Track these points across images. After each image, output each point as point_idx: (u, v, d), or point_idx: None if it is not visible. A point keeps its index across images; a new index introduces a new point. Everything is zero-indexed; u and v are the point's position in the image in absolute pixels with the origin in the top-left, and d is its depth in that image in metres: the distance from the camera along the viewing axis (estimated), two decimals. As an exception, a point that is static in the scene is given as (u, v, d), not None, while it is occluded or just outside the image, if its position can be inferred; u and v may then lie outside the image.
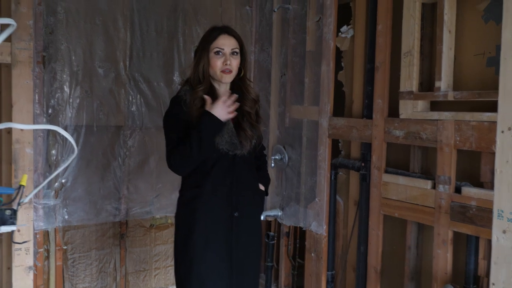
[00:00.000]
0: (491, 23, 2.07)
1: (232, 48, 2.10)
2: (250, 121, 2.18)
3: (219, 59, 2.08)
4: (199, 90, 2.07)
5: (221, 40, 2.10)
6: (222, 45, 2.09)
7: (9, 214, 1.04)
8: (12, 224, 1.04)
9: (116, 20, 2.90)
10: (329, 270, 2.83)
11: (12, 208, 1.06)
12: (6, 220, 1.03)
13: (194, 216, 2.09)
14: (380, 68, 2.43)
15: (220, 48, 2.08)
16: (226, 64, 2.07)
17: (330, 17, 2.69)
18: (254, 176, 2.25)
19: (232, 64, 2.09)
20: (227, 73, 2.09)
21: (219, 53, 2.08)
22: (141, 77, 3.00)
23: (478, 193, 2.00)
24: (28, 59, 2.35)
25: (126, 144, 2.99)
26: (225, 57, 2.08)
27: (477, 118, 2.00)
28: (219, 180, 2.10)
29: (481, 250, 2.09)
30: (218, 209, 2.10)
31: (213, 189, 2.09)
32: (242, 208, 2.14)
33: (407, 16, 2.29)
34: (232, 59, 2.09)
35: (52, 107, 2.74)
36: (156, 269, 3.22)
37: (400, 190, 2.34)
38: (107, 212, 2.94)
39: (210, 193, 2.09)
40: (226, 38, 2.11)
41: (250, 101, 2.19)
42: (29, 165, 2.37)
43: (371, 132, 2.48)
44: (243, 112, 2.16)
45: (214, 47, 2.09)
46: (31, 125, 1.35)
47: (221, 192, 2.10)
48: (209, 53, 2.09)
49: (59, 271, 2.86)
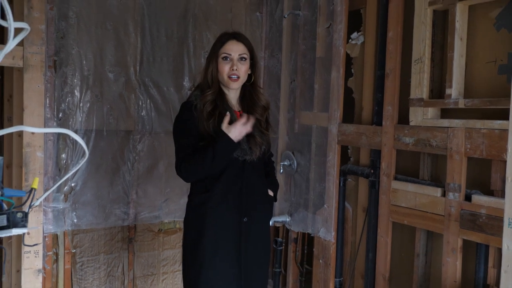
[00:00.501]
0: (503, 31, 2.06)
1: (240, 54, 2.11)
2: (259, 128, 2.18)
3: (227, 64, 2.09)
4: (208, 94, 2.08)
5: (229, 46, 2.11)
6: (229, 50, 2.10)
7: (21, 217, 1.05)
8: (24, 226, 1.05)
9: (127, 25, 2.92)
10: (337, 276, 2.82)
11: (23, 211, 1.06)
12: (18, 222, 1.04)
13: (203, 221, 2.09)
14: (390, 75, 2.43)
15: (227, 54, 2.10)
16: (232, 70, 2.08)
17: (341, 23, 2.70)
18: (263, 182, 2.25)
19: (240, 70, 2.10)
20: (234, 80, 2.10)
21: (226, 58, 2.10)
22: (151, 82, 3.01)
23: (488, 201, 1.99)
24: (40, 63, 2.37)
25: (136, 149, 3.01)
26: (232, 63, 2.09)
27: (488, 125, 1.99)
28: (229, 185, 2.10)
29: (491, 259, 2.07)
30: (227, 214, 2.11)
31: (222, 195, 2.10)
32: (251, 213, 2.14)
33: (418, 23, 2.29)
34: (240, 65, 2.10)
35: (63, 111, 2.76)
36: (164, 274, 3.22)
37: (410, 197, 2.33)
38: (116, 216, 2.95)
39: (219, 199, 2.09)
40: (234, 44, 2.12)
41: (260, 108, 2.20)
42: (40, 169, 2.39)
43: (381, 139, 2.47)
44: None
45: (222, 52, 2.10)
46: (42, 128, 1.36)
47: (231, 197, 2.11)
48: (218, 58, 2.11)
49: (68, 275, 2.87)
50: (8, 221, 1.04)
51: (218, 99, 2.09)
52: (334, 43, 2.75)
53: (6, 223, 1.04)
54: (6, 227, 1.04)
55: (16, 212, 1.05)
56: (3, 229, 1.04)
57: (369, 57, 2.66)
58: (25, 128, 0.99)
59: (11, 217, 1.04)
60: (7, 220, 1.04)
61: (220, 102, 2.10)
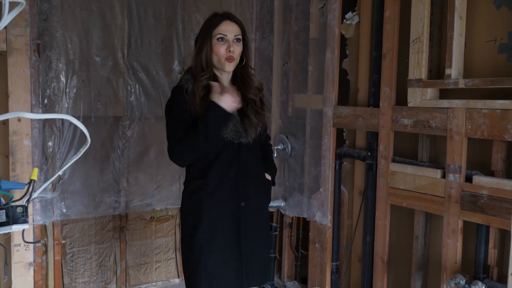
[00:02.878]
0: (503, 9, 2.03)
1: (235, 35, 2.04)
2: (255, 108, 2.12)
3: (223, 45, 2.02)
4: (203, 79, 2.00)
5: (224, 26, 2.03)
6: (225, 31, 2.02)
7: (21, 212, 0.97)
8: (24, 222, 0.97)
9: (113, 7, 2.81)
10: (334, 260, 2.80)
11: (23, 205, 0.99)
12: (18, 218, 0.96)
13: (200, 208, 2.03)
14: (387, 55, 2.38)
15: (223, 34, 2.02)
16: (229, 51, 2.01)
17: (335, 3, 2.63)
18: (260, 165, 2.20)
19: (235, 51, 2.03)
20: (230, 61, 2.02)
21: (222, 39, 2.02)
22: (139, 66, 2.92)
23: (490, 182, 1.97)
24: (25, 46, 2.25)
25: (125, 135, 2.92)
26: (228, 44, 2.01)
27: (489, 106, 1.96)
28: (224, 169, 2.04)
29: (491, 240, 2.06)
30: (224, 199, 2.05)
31: (218, 180, 2.04)
32: (249, 198, 2.08)
33: (417, 2, 2.24)
34: (235, 46, 2.03)
35: (48, 97, 2.66)
36: (157, 262, 3.16)
37: (408, 179, 2.30)
38: (107, 205, 2.87)
39: (215, 184, 2.03)
40: (229, 25, 2.04)
41: (254, 89, 2.13)
42: (28, 158, 2.29)
43: (378, 121, 2.43)
44: (247, 99, 2.10)
45: (217, 33, 2.02)
46: (41, 114, 1.27)
47: (227, 182, 2.05)
48: (212, 39, 2.02)
49: (58, 266, 2.79)
50: (8, 217, 0.96)
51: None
52: (328, 24, 2.69)
53: (6, 219, 0.96)
54: (6, 223, 0.96)
55: (16, 206, 0.97)
56: (2, 226, 0.96)
57: (364, 38, 2.60)
58: (23, 115, 0.91)
59: (11, 212, 0.96)
60: (6, 215, 0.96)
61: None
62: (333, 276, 2.80)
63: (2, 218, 0.96)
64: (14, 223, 0.97)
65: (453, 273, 2.12)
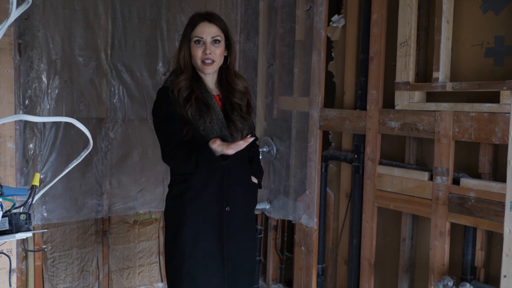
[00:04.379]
0: (490, 13, 2.06)
1: (213, 36, 2.00)
2: (240, 113, 2.08)
3: (199, 48, 1.98)
4: (181, 80, 1.98)
5: (200, 28, 1.99)
6: (201, 33, 1.98)
7: (24, 219, 0.92)
8: (28, 230, 0.92)
9: (96, 6, 2.75)
10: (320, 263, 2.80)
11: (26, 212, 0.94)
12: (21, 226, 0.91)
13: (184, 212, 2.00)
14: (375, 58, 2.39)
15: (199, 37, 1.98)
16: (205, 54, 1.97)
17: (322, 6, 2.63)
18: (246, 169, 2.17)
19: (214, 54, 1.99)
20: (208, 64, 1.99)
21: (199, 42, 1.98)
22: (123, 66, 2.86)
23: (477, 184, 2.00)
24: (9, 46, 2.18)
25: (108, 137, 2.86)
26: (205, 46, 1.98)
27: (477, 109, 1.98)
28: (209, 174, 2.00)
29: (479, 241, 2.09)
30: (209, 204, 2.01)
31: (202, 184, 2.00)
32: (234, 202, 2.05)
33: (404, 5, 2.26)
34: (214, 48, 1.99)
35: (29, 98, 2.58)
36: (140, 266, 3.11)
37: (396, 182, 2.31)
38: (89, 208, 2.81)
39: (199, 188, 2.00)
40: (206, 26, 2.00)
41: (239, 93, 2.10)
42: (11, 161, 2.21)
43: (365, 123, 2.44)
44: (232, 103, 2.07)
45: (194, 35, 1.99)
46: (43, 117, 1.21)
47: (211, 187, 2.01)
48: (190, 42, 2.00)
49: (38, 272, 2.71)
50: (11, 225, 0.91)
51: (194, 83, 1.99)
52: (314, 26, 2.69)
53: (9, 227, 0.91)
54: (9, 232, 0.91)
55: (19, 213, 0.92)
56: (5, 234, 0.90)
57: (350, 41, 2.61)
58: (25, 117, 0.87)
59: (14, 220, 0.91)
60: (9, 223, 0.91)
61: (196, 86, 1.99)
62: (319, 279, 2.80)
63: (4, 226, 0.91)
64: (17, 231, 0.92)
65: (441, 275, 2.14)
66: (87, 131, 0.98)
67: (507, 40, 1.99)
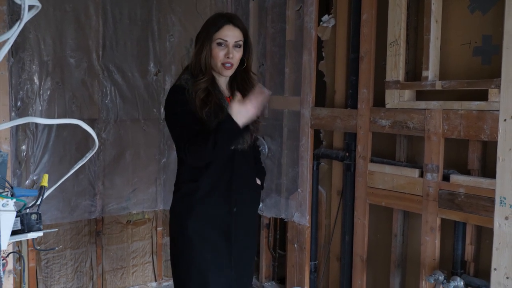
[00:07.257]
0: (477, 13, 2.10)
1: (236, 41, 1.99)
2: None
3: (222, 50, 1.97)
4: (201, 82, 1.95)
5: (225, 31, 1.97)
6: (225, 36, 1.97)
7: (35, 219, 0.95)
8: (39, 229, 0.95)
9: (87, 7, 2.75)
10: (312, 260, 2.83)
11: (37, 212, 0.96)
12: (33, 225, 0.94)
13: (192, 212, 2.01)
14: (365, 57, 2.43)
15: (223, 40, 1.97)
16: (228, 57, 1.97)
17: (312, 5, 2.66)
18: (252, 170, 2.18)
19: (234, 58, 1.99)
20: (228, 68, 1.98)
21: (222, 44, 1.97)
22: (114, 67, 2.87)
23: (466, 180, 2.04)
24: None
25: (101, 138, 2.86)
26: (227, 50, 1.97)
27: (466, 107, 2.03)
28: (218, 175, 2.00)
29: (468, 236, 2.14)
30: (216, 205, 2.02)
31: (211, 185, 2.00)
32: (241, 204, 2.06)
33: (393, 5, 2.29)
34: (235, 52, 1.99)
35: (21, 99, 2.58)
36: (134, 266, 3.11)
37: (387, 179, 2.35)
38: (82, 209, 2.81)
39: (207, 189, 2.00)
40: (230, 29, 1.98)
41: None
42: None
43: (356, 121, 2.48)
44: None
45: (217, 37, 1.97)
46: (52, 119, 1.20)
47: (220, 188, 2.01)
48: (212, 43, 1.97)
49: (32, 273, 2.71)
50: (23, 224, 0.93)
51: (210, 85, 1.99)
52: (305, 26, 2.72)
53: (21, 227, 0.93)
54: (21, 231, 0.93)
55: (31, 214, 0.94)
56: (17, 234, 0.93)
57: (341, 40, 2.65)
58: (35, 120, 0.88)
59: (26, 220, 0.94)
60: (21, 223, 0.93)
61: (212, 88, 2.00)
62: (311, 276, 2.84)
63: (17, 226, 0.93)
64: (29, 231, 0.95)
65: (432, 269, 2.18)
66: (93, 132, 1.00)
67: (494, 39, 2.03)
